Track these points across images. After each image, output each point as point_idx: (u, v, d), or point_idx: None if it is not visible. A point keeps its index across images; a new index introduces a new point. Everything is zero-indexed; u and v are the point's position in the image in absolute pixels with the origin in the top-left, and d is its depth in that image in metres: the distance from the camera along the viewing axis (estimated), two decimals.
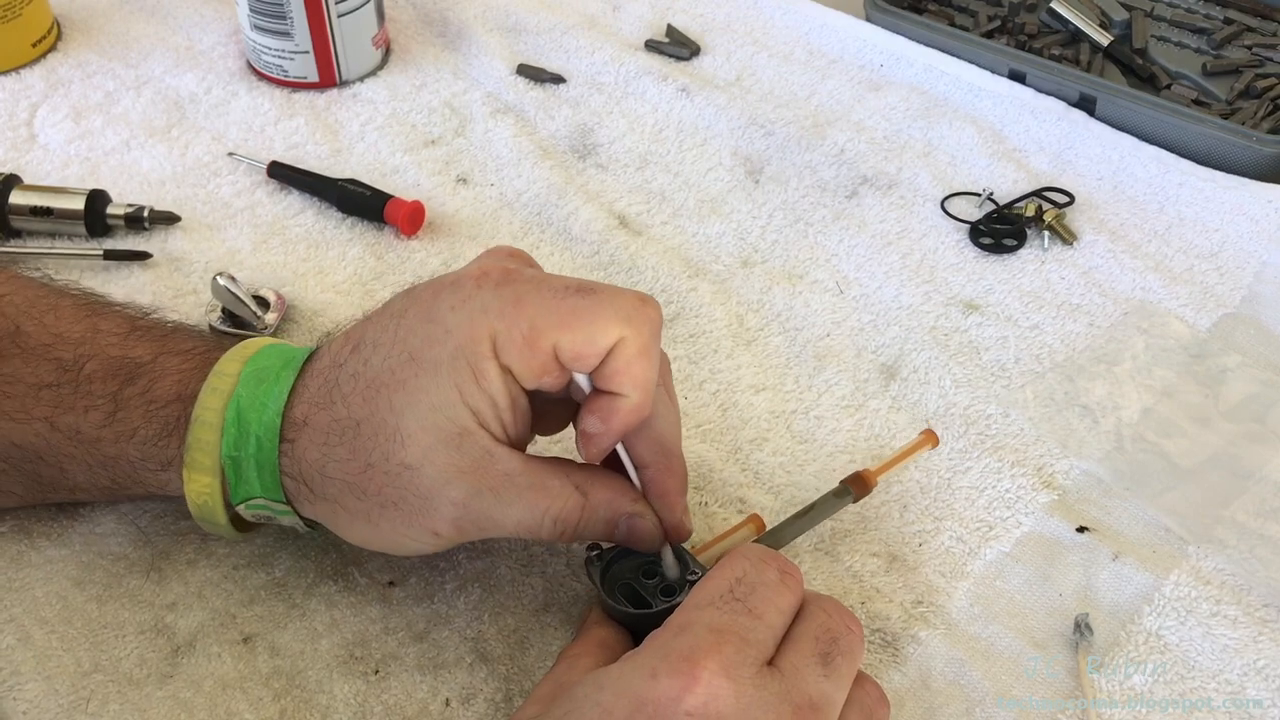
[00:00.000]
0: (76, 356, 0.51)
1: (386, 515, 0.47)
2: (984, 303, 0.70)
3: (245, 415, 0.49)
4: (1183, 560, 0.57)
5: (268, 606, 0.54)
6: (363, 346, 0.48)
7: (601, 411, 0.48)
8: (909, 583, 0.56)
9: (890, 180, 0.77)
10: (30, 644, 0.52)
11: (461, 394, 0.46)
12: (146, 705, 0.50)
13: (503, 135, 0.79)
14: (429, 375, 0.46)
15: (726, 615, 0.43)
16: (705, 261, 0.72)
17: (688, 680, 0.40)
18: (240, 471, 0.49)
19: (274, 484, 0.49)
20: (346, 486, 0.47)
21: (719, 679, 0.40)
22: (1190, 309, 0.69)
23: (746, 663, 0.41)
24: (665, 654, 0.41)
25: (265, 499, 0.50)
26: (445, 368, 0.46)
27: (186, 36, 0.86)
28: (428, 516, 0.47)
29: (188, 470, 0.49)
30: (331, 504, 0.48)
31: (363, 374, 0.48)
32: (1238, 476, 0.60)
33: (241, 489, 0.49)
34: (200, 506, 0.50)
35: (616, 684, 0.41)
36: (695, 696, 0.40)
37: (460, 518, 0.47)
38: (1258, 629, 0.54)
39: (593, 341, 0.46)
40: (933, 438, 0.59)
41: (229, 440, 0.49)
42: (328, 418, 0.48)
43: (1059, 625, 0.55)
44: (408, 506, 0.47)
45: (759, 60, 0.87)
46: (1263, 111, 0.80)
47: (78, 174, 0.75)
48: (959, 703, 0.52)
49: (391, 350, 0.47)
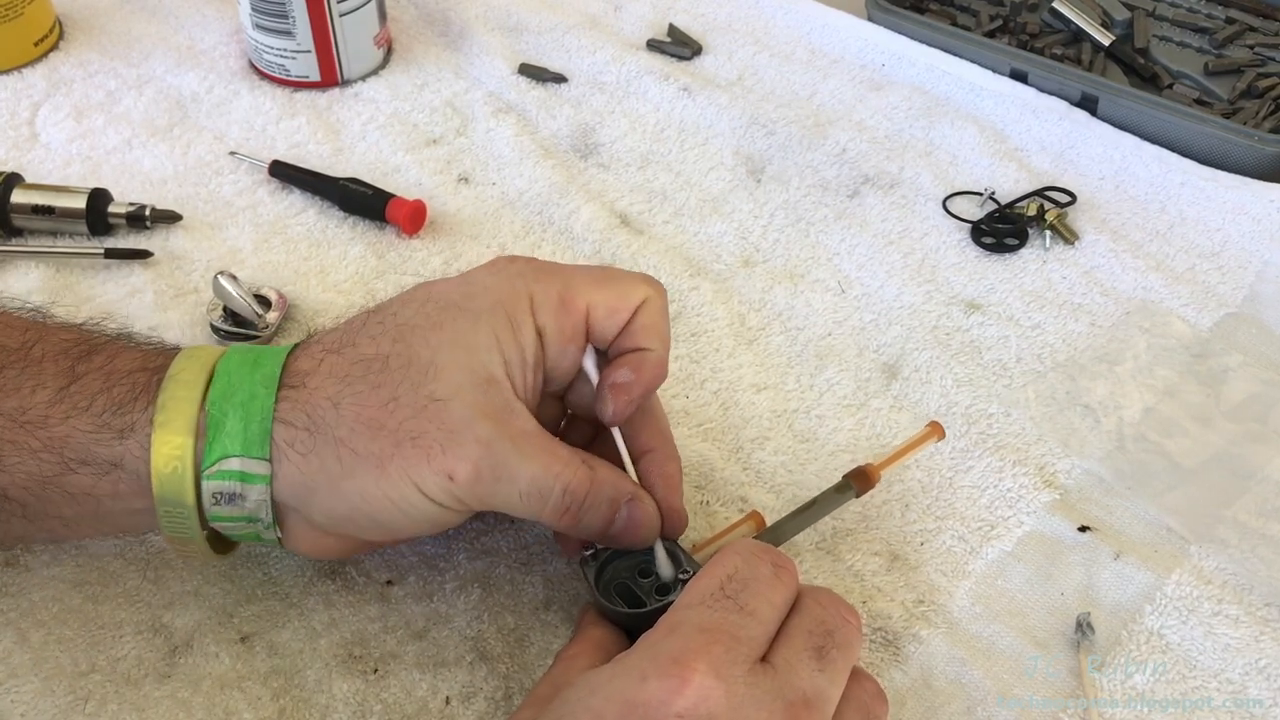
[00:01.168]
0: (23, 342, 0.48)
1: (402, 454, 0.45)
2: (985, 302, 0.69)
3: (235, 369, 0.47)
4: (1184, 560, 0.57)
5: (265, 605, 0.54)
6: (384, 309, 0.49)
7: (631, 363, 0.50)
8: (910, 582, 0.56)
9: (892, 180, 0.77)
10: (27, 645, 0.52)
11: (498, 340, 0.47)
12: (144, 705, 0.50)
13: (504, 135, 0.79)
14: (469, 320, 0.47)
15: (717, 614, 0.42)
16: (707, 261, 0.72)
17: (678, 682, 0.40)
18: (223, 423, 0.46)
19: (260, 438, 0.46)
20: (362, 423, 0.46)
21: (709, 680, 0.40)
22: (1192, 308, 0.69)
23: (737, 661, 0.41)
24: (654, 656, 0.41)
25: (242, 457, 0.46)
26: (485, 315, 0.48)
27: (188, 36, 0.86)
28: (449, 455, 0.45)
29: (157, 431, 0.46)
30: (337, 446, 0.46)
31: (392, 322, 0.48)
32: (1239, 476, 0.60)
33: (218, 445, 0.46)
34: (168, 479, 0.46)
35: (607, 688, 0.41)
36: (685, 699, 0.40)
37: (480, 459, 0.45)
38: (1259, 628, 0.54)
39: (625, 296, 0.50)
40: (938, 430, 0.58)
41: (216, 388, 0.46)
42: (350, 358, 0.47)
43: (1060, 624, 0.55)
44: (429, 441, 0.45)
45: (760, 60, 0.87)
46: (1264, 111, 0.79)
47: (79, 173, 0.75)
48: (960, 702, 0.52)
49: (425, 304, 0.48)
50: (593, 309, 0.49)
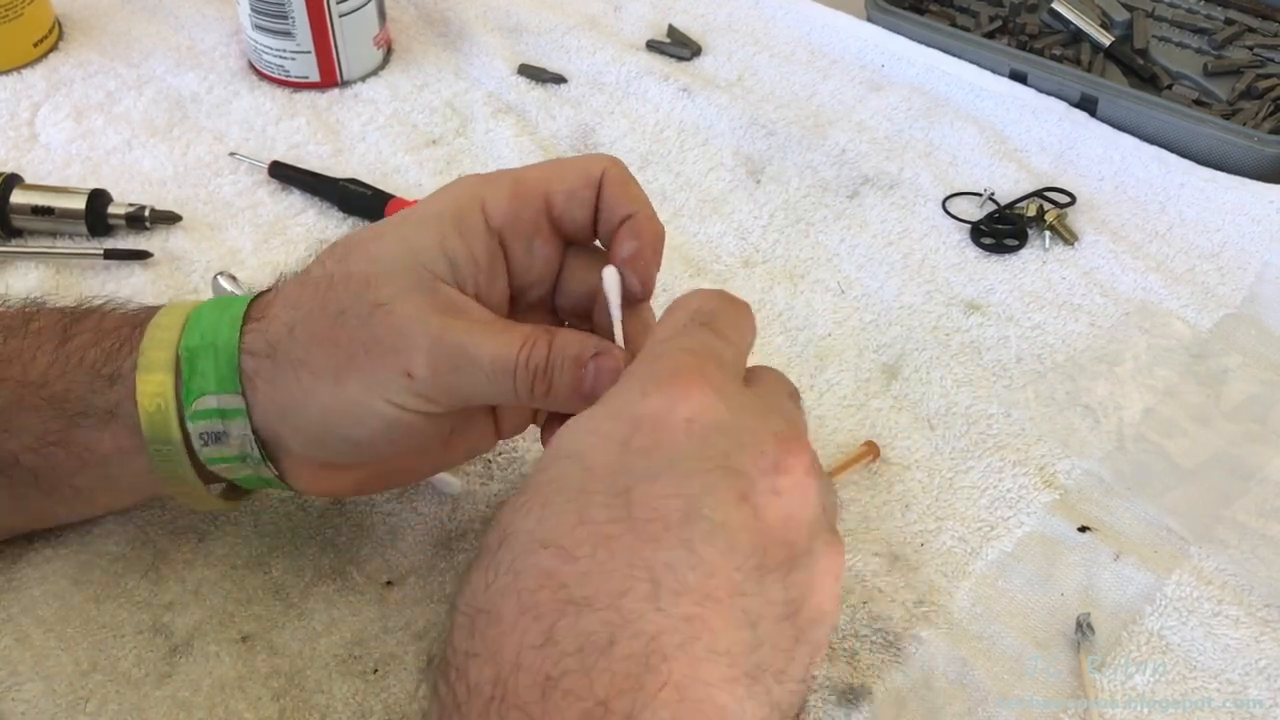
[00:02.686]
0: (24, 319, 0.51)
1: (356, 364, 0.46)
2: (985, 303, 0.69)
3: (205, 316, 0.49)
4: (1184, 560, 0.57)
5: (265, 606, 0.54)
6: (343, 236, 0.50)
7: (626, 233, 0.48)
8: (911, 582, 0.56)
9: (891, 180, 0.77)
10: (28, 644, 0.52)
11: (442, 241, 0.47)
12: (145, 705, 0.50)
13: (504, 135, 0.79)
14: (411, 227, 0.48)
15: (697, 338, 0.42)
16: (706, 261, 0.72)
17: (681, 390, 0.39)
18: (195, 364, 0.48)
19: (230, 373, 0.47)
20: (316, 341, 0.47)
21: (709, 392, 0.39)
22: (1191, 309, 0.69)
23: (729, 378, 0.41)
24: (649, 375, 0.40)
25: (217, 394, 0.47)
26: (430, 220, 0.47)
27: (188, 36, 0.86)
28: (401, 354, 0.45)
29: (141, 374, 0.48)
30: (297, 369, 0.47)
31: (342, 243, 0.49)
32: (1239, 477, 0.60)
33: (195, 384, 0.48)
34: (153, 415, 0.48)
35: (608, 408, 0.40)
36: (691, 405, 0.39)
37: (434, 351, 0.45)
38: (1259, 629, 0.54)
39: (581, 175, 0.48)
40: (874, 449, 0.60)
41: (189, 334, 0.48)
42: (301, 282, 0.48)
43: (1060, 625, 0.55)
44: (381, 347, 0.46)
45: (760, 60, 0.87)
46: (1264, 112, 0.79)
47: (79, 173, 0.75)
48: (961, 702, 0.52)
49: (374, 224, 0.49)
50: (551, 195, 0.48)
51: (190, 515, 0.57)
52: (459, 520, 0.58)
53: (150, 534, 0.56)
